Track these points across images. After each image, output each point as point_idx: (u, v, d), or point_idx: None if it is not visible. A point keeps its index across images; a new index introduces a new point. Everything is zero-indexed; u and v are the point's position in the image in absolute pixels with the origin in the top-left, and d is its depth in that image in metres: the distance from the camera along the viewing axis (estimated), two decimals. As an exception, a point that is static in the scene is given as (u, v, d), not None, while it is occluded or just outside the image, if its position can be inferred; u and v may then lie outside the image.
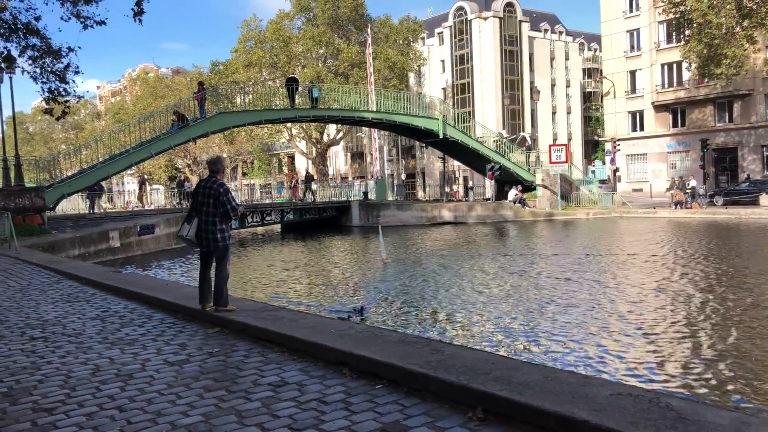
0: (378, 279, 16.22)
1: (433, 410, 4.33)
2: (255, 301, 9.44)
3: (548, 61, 74.82)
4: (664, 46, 50.65)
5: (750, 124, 46.35)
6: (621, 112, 54.75)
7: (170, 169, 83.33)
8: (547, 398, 4.04)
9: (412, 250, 23.80)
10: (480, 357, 5.25)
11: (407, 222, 37.24)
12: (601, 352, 8.65)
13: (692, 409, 3.80)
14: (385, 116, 37.89)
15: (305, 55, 55.37)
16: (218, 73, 56.61)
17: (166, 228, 25.90)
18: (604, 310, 11.41)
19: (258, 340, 6.60)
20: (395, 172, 76.11)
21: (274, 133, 60.07)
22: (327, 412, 4.39)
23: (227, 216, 7.50)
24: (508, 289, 13.89)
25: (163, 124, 32.21)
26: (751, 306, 11.23)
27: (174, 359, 6.02)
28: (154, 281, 12.15)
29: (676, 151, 51.51)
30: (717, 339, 9.18)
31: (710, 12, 32.72)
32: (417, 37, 61.96)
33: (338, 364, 5.48)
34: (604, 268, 16.99)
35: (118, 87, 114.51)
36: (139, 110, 66.49)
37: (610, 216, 36.34)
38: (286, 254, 25.36)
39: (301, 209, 38.13)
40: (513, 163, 41.13)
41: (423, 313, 11.64)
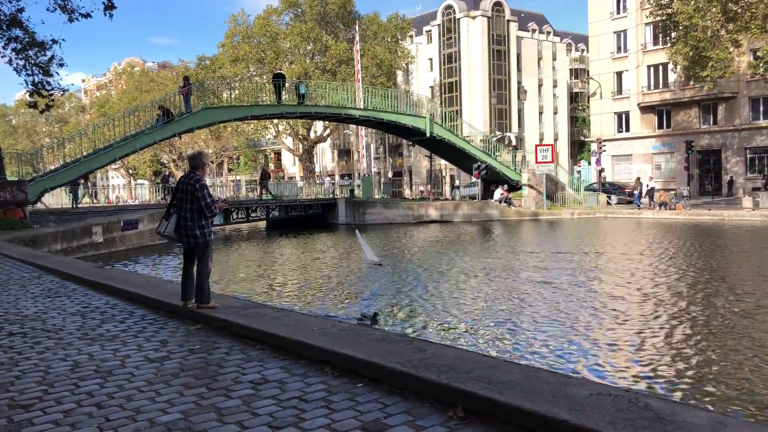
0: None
1: (414, 409, 4.32)
2: (238, 298, 9.39)
3: (536, 61, 75.12)
4: (651, 47, 51.01)
5: (734, 126, 46.81)
6: (607, 112, 55.08)
7: (155, 164, 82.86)
8: (528, 398, 4.05)
9: (405, 251, 23.78)
10: (462, 356, 5.25)
11: (393, 220, 37.24)
12: (582, 352, 8.69)
13: (670, 410, 3.82)
14: (373, 114, 37.86)
15: (293, 51, 55.18)
16: (205, 68, 56.28)
17: (150, 223, 25.71)
18: (587, 308, 11.46)
19: (240, 337, 6.56)
20: (382, 170, 76.12)
21: (261, 129, 59.85)
22: (307, 411, 4.37)
23: (203, 212, 7.44)
24: (498, 295, 13.92)
25: (148, 118, 32.02)
26: (733, 305, 11.33)
27: (154, 356, 5.97)
28: (137, 277, 12.06)
29: (661, 152, 51.92)
30: (697, 339, 9.25)
31: (696, 15, 32.97)
32: (405, 35, 61.96)
33: (320, 362, 5.46)
34: (587, 267, 17.09)
35: (103, 81, 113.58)
36: (125, 104, 66.00)
37: (594, 216, 36.56)
38: (276, 252, 25.26)
39: (286, 206, 38.01)
40: (499, 162, 41.24)
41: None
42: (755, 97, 45.33)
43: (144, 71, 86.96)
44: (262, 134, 66.05)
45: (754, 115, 46.16)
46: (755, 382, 7.25)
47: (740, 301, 11.83)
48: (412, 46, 69.68)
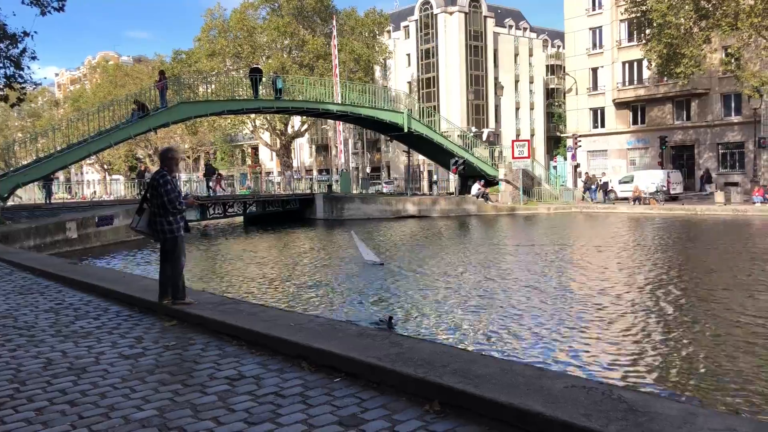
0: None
1: (390, 403, 4.34)
2: (214, 294, 9.34)
3: (512, 57, 75.45)
4: (626, 44, 51.47)
5: (706, 122, 47.45)
6: (583, 108, 55.52)
7: (131, 159, 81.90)
8: (503, 391, 4.08)
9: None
10: (438, 350, 5.27)
11: (372, 215, 37.23)
12: (558, 345, 8.77)
13: (643, 401, 3.88)
14: (351, 109, 37.78)
15: (270, 45, 54.83)
16: (181, 62, 55.73)
17: (125, 219, 25.37)
18: (562, 301, 11.57)
19: (216, 333, 6.53)
20: (360, 165, 76.01)
21: (238, 124, 59.43)
22: (284, 406, 4.37)
23: (166, 208, 7.38)
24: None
25: (123, 113, 31.62)
26: (705, 295, 11.51)
27: (129, 352, 5.92)
28: (112, 273, 11.92)
29: (636, 147, 52.48)
30: (671, 332, 9.39)
31: (669, 12, 33.35)
32: (383, 30, 61.87)
33: (297, 357, 5.45)
34: (562, 260, 17.25)
35: (77, 75, 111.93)
36: (99, 99, 65.08)
37: (570, 211, 36.90)
38: (254, 248, 25.12)
39: (264, 201, 37.83)
40: (477, 158, 41.39)
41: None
42: (727, 93, 45.97)
43: (119, 65, 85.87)
44: (239, 129, 65.63)
45: (726, 111, 46.83)
46: (724, 373, 7.37)
47: (709, 294, 12.02)
48: (390, 41, 69.62)
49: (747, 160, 44.98)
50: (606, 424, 3.52)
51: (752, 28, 31.58)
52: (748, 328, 9.33)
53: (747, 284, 12.88)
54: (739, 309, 10.51)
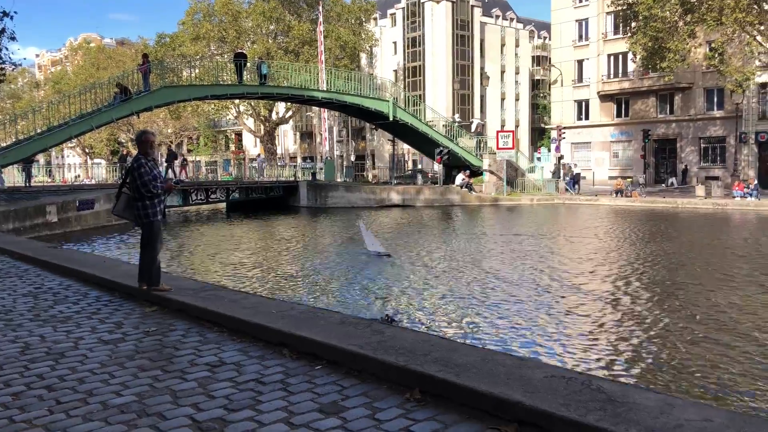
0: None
1: (371, 391, 4.34)
2: (195, 280, 9.28)
3: (499, 47, 75.46)
4: (611, 37, 51.67)
5: (689, 116, 47.85)
6: (567, 100, 55.73)
7: (113, 143, 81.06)
8: (484, 380, 4.10)
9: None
10: (420, 338, 5.29)
11: (356, 204, 37.17)
12: (538, 335, 8.84)
13: (622, 392, 3.91)
14: (336, 96, 37.59)
15: (255, 30, 54.30)
16: (164, 45, 55.06)
17: (106, 203, 25.14)
18: (543, 292, 11.65)
19: (197, 319, 6.49)
20: (345, 153, 75.82)
21: (221, 109, 58.93)
22: (264, 393, 4.36)
23: (141, 193, 7.32)
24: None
25: (105, 96, 31.23)
26: (681, 288, 11.65)
27: (109, 338, 5.87)
28: (92, 258, 11.82)
29: (619, 140, 52.82)
30: (649, 322, 9.49)
31: (655, 6, 33.47)
32: (369, 18, 61.49)
33: (278, 344, 5.44)
34: (543, 250, 17.35)
35: (58, 56, 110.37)
36: (81, 81, 64.21)
37: (553, 202, 37.10)
38: (237, 235, 25.01)
39: (247, 188, 37.63)
40: (461, 148, 41.41)
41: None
42: (710, 88, 46.36)
43: (101, 47, 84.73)
44: (223, 115, 65.10)
45: (709, 106, 47.25)
46: (696, 364, 7.47)
47: (686, 287, 12.17)
48: (376, 28, 69.28)
49: (728, 154, 45.46)
50: (585, 414, 3.54)
51: (736, 24, 31.80)
52: (714, 321, 9.45)
53: (714, 278, 13.05)
54: (706, 303, 10.65)
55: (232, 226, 28.33)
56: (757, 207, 30.99)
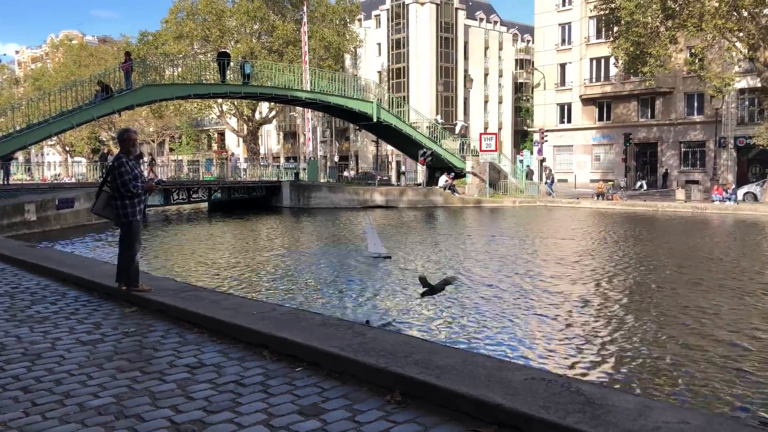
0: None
1: (351, 393, 4.33)
2: (176, 280, 9.21)
3: (482, 50, 75.73)
4: (594, 41, 52.11)
5: (670, 120, 48.37)
6: (550, 103, 56.09)
7: (93, 141, 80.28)
8: (464, 382, 4.11)
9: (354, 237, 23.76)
10: (401, 340, 5.28)
11: (339, 204, 37.12)
12: (519, 337, 8.88)
13: (601, 394, 3.94)
14: (320, 96, 37.52)
15: (239, 30, 54.02)
16: (147, 44, 54.58)
17: (86, 202, 24.87)
18: (523, 295, 11.70)
19: (177, 320, 6.44)
20: (328, 154, 75.67)
21: (204, 108, 58.57)
22: (244, 395, 4.33)
23: (121, 192, 7.26)
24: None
25: (86, 94, 30.92)
26: (659, 289, 11.76)
27: (87, 338, 5.81)
28: (71, 257, 11.69)
29: (601, 144, 53.25)
30: (623, 324, 9.57)
31: (637, 11, 33.78)
32: (354, 18, 61.44)
33: (259, 346, 5.42)
34: (524, 252, 17.44)
35: (39, 53, 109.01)
36: (62, 78, 63.52)
37: (535, 205, 37.31)
38: (226, 237, 24.86)
39: (229, 188, 37.44)
40: (445, 149, 41.52)
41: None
42: (690, 92, 46.90)
43: (83, 45, 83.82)
44: (206, 114, 64.69)
45: (689, 110, 47.81)
46: (674, 367, 7.55)
47: (659, 290, 12.29)
48: (361, 29, 69.21)
49: (708, 158, 46.01)
50: (564, 416, 3.57)
51: (716, 30, 32.18)
52: (683, 324, 9.56)
53: (684, 281, 13.19)
54: (676, 306, 10.77)
55: (214, 226, 28.16)
56: (735, 211, 31.39)
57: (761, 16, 32.58)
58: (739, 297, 11.49)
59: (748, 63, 37.51)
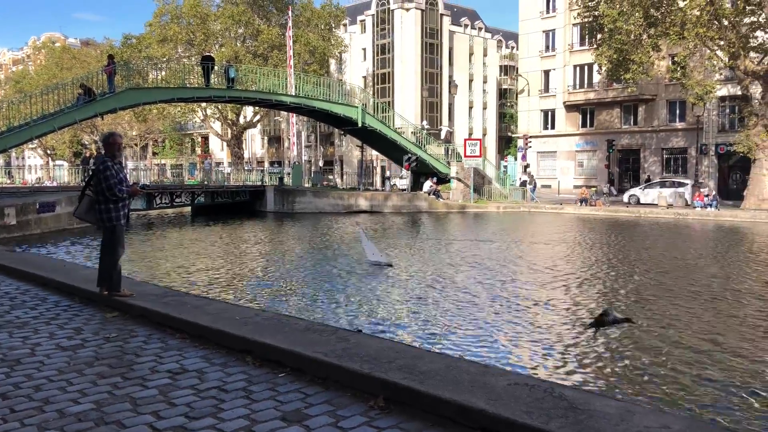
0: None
1: (335, 399, 4.32)
2: (158, 285, 9.14)
3: (467, 56, 76.13)
4: (578, 48, 52.54)
5: (652, 127, 48.86)
6: (534, 110, 56.46)
7: (76, 144, 79.66)
8: (448, 387, 4.11)
9: (338, 243, 23.69)
10: (385, 346, 5.28)
11: (323, 209, 37.04)
12: (503, 342, 8.89)
13: (583, 399, 3.96)
14: (304, 101, 37.48)
15: (223, 33, 53.94)
16: (131, 47, 54.35)
17: (68, 206, 24.61)
18: (508, 299, 11.73)
19: (159, 326, 6.40)
20: (313, 159, 75.60)
21: (188, 112, 58.31)
22: (226, 401, 4.31)
23: (106, 196, 7.21)
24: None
25: (68, 97, 30.65)
26: (639, 293, 11.85)
27: (67, 344, 5.75)
28: (52, 262, 11.57)
29: (584, 150, 53.65)
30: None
31: (620, 19, 34.12)
32: (339, 23, 61.56)
33: (242, 351, 5.39)
34: (509, 255, 17.50)
35: (20, 55, 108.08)
36: (44, 81, 62.97)
37: (519, 210, 37.46)
38: (209, 241, 24.70)
39: (213, 192, 37.26)
40: (430, 155, 41.63)
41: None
42: (672, 100, 47.43)
43: (65, 47, 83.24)
44: (190, 118, 64.44)
45: (671, 117, 48.33)
46: (661, 372, 7.60)
47: (642, 292, 12.38)
48: (346, 35, 69.36)
49: (689, 165, 46.49)
50: (547, 421, 3.58)
51: (697, 38, 32.58)
52: (657, 329, 9.64)
53: (654, 288, 13.31)
54: (644, 312, 10.86)
55: (197, 231, 27.99)
56: (717, 217, 31.74)
57: (741, 25, 33.03)
58: (711, 302, 11.61)
59: (728, 71, 38.02)
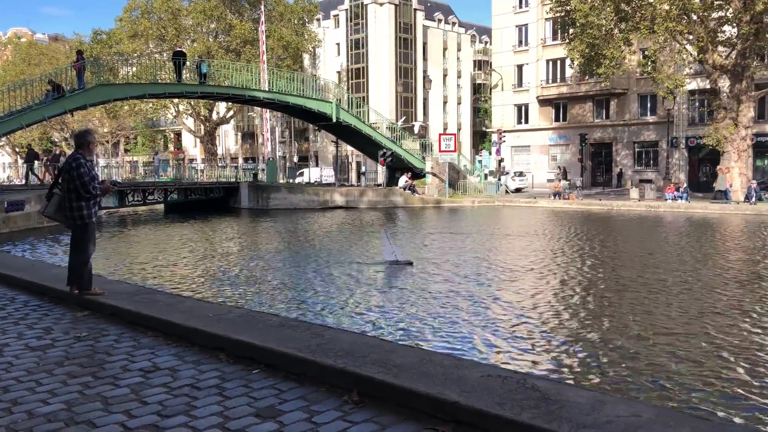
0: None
1: (309, 394, 4.31)
2: (129, 283, 9.04)
3: (441, 51, 76.25)
4: (550, 42, 52.94)
5: (624, 121, 49.45)
6: (508, 104, 56.80)
7: (45, 142, 78.34)
8: (421, 380, 4.13)
9: (314, 238, 23.59)
10: (359, 340, 5.28)
11: (298, 206, 36.89)
12: (477, 335, 8.94)
13: (555, 390, 4.00)
14: (278, 96, 37.25)
15: (195, 29, 53.37)
16: (101, 42, 53.56)
17: (37, 204, 24.20)
18: (482, 293, 11.80)
19: (131, 324, 6.33)
20: (288, 155, 75.22)
21: (160, 108, 57.66)
22: (199, 398, 4.28)
23: (79, 193, 7.10)
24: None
25: (37, 93, 30.13)
26: (612, 284, 11.99)
27: (36, 344, 5.66)
28: (20, 261, 11.38)
29: (557, 144, 54.14)
30: (584, 319, 9.73)
31: (592, 13, 34.43)
32: (312, 18, 61.25)
33: (215, 348, 5.35)
34: (482, 249, 17.60)
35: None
36: (10, 77, 61.79)
37: (494, 204, 37.70)
38: (183, 239, 24.45)
39: (186, 189, 36.90)
40: (405, 150, 41.67)
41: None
42: (644, 93, 48.04)
43: (32, 43, 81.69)
44: (162, 114, 63.74)
45: (642, 111, 48.97)
46: (634, 361, 7.71)
47: (619, 283, 12.54)
48: (319, 29, 69.02)
49: (660, 158, 47.18)
50: (519, 412, 3.61)
51: (667, 32, 33.03)
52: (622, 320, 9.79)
53: (615, 281, 13.51)
54: (604, 305, 11.02)
55: (170, 228, 27.71)
56: (687, 209, 32.24)
57: (710, 20, 33.55)
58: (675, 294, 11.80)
59: (698, 65, 38.59)
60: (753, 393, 6.34)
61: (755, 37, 32.47)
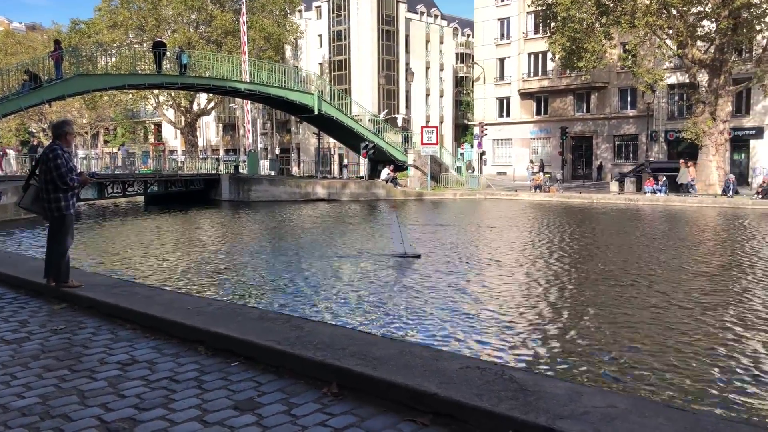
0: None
1: (288, 387, 4.31)
2: (108, 276, 8.96)
3: (423, 43, 76.13)
4: (532, 36, 53.12)
5: (604, 115, 49.82)
6: (490, 97, 56.95)
7: (23, 133, 77.27)
8: (400, 372, 4.14)
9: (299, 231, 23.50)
10: (339, 333, 5.28)
11: (280, 198, 36.74)
12: (456, 327, 8.98)
13: (533, 381, 4.03)
14: (259, 88, 37.00)
15: (176, 19, 52.82)
16: (79, 32, 52.89)
17: (14, 196, 23.89)
18: (464, 284, 11.85)
19: (109, 317, 6.27)
20: (269, 147, 74.83)
21: (140, 99, 57.08)
22: (177, 391, 4.26)
23: (56, 185, 7.01)
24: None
25: (13, 83, 29.67)
26: (594, 276, 12.11)
27: (12, 337, 5.59)
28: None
29: (539, 137, 54.42)
30: (563, 312, 9.81)
31: (573, 7, 34.60)
32: (294, 9, 60.91)
33: (194, 341, 5.32)
34: (464, 242, 17.68)
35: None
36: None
37: (475, 197, 37.83)
38: (162, 231, 24.25)
39: (166, 181, 36.59)
40: (387, 142, 41.63)
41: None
42: (624, 87, 48.41)
43: (9, 32, 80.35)
44: (142, 105, 63.12)
45: (623, 105, 49.37)
46: (609, 353, 7.80)
47: (600, 276, 12.67)
48: (302, 21, 68.61)
49: (640, 151, 47.58)
50: (497, 403, 3.63)
51: (647, 27, 33.28)
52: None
53: (597, 271, 13.65)
54: (590, 296, 11.13)
55: (150, 220, 27.48)
56: (666, 202, 32.58)
57: (689, 15, 33.84)
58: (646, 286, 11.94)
59: (677, 59, 38.93)
60: (721, 384, 6.44)
61: (733, 32, 32.82)
